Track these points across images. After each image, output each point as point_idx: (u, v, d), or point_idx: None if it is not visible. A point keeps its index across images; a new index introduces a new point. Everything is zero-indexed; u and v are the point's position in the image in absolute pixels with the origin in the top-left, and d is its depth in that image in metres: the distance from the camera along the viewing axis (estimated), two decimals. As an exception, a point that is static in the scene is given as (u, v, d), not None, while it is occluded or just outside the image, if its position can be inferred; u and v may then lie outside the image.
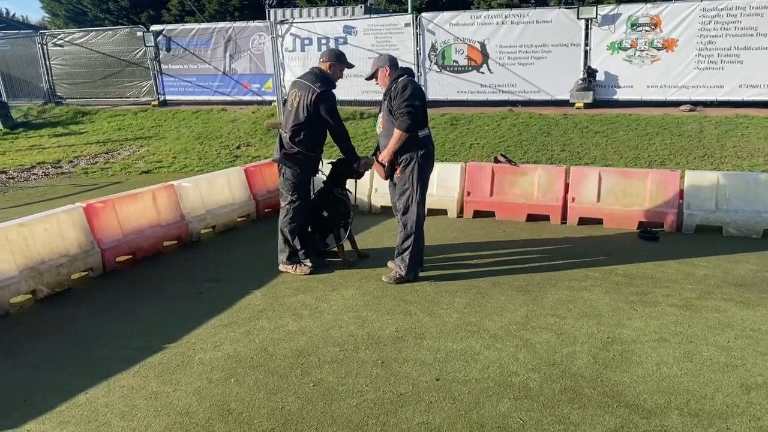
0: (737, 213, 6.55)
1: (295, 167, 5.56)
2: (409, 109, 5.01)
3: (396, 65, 5.34)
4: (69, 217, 5.68)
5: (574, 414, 3.39)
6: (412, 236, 5.33)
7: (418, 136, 5.16)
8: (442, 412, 3.45)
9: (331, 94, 5.52)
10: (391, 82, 5.23)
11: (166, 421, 3.44)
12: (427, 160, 5.28)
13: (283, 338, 4.43)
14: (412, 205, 5.28)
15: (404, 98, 5.03)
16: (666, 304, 4.83)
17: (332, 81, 5.62)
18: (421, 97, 5.17)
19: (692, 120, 11.61)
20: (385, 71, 5.30)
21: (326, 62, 5.59)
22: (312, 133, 5.55)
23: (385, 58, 5.40)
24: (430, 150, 5.31)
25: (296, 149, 5.52)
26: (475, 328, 4.51)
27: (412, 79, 5.25)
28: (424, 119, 5.25)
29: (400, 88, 5.09)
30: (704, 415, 3.34)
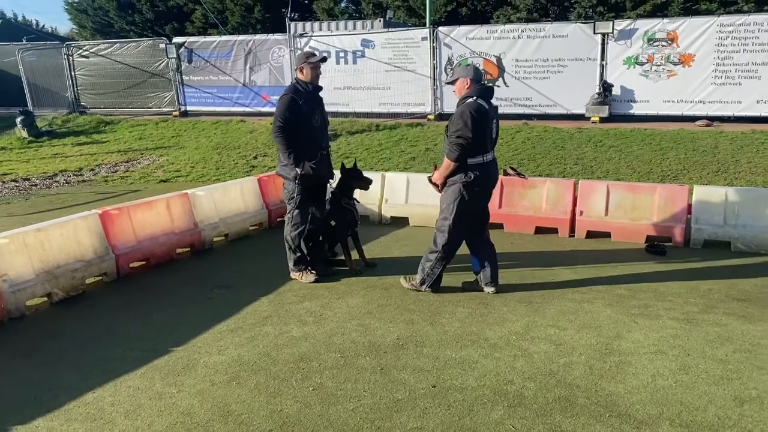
0: (746, 228, 6.54)
1: (287, 179, 5.69)
2: (460, 140, 4.93)
3: (478, 80, 5.18)
4: (85, 223, 5.86)
5: (566, 422, 3.44)
6: (437, 254, 5.32)
7: (467, 163, 5.05)
8: (435, 418, 3.52)
9: (282, 98, 5.62)
10: (460, 99, 5.13)
11: (168, 420, 3.56)
12: (471, 187, 5.13)
13: (286, 344, 4.53)
14: (445, 228, 5.26)
15: (458, 127, 4.95)
16: (667, 317, 4.86)
17: (303, 85, 5.68)
18: (481, 123, 4.95)
19: (707, 135, 11.57)
20: (465, 83, 5.14)
21: (297, 68, 5.72)
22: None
23: (470, 69, 5.25)
24: (479, 178, 5.11)
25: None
26: (475, 338, 4.58)
27: (481, 103, 5.01)
28: (481, 147, 5.06)
29: (458, 114, 5.00)
30: (695, 426, 3.38)
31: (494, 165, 5.32)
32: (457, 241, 5.37)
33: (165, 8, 30.52)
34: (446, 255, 5.35)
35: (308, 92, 5.69)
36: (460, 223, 5.25)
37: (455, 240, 5.34)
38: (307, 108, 5.61)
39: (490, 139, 5.16)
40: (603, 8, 24.76)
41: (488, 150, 5.17)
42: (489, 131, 5.11)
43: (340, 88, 16.05)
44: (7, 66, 18.81)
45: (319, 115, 5.76)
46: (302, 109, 5.57)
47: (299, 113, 5.55)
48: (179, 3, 29.98)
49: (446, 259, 5.38)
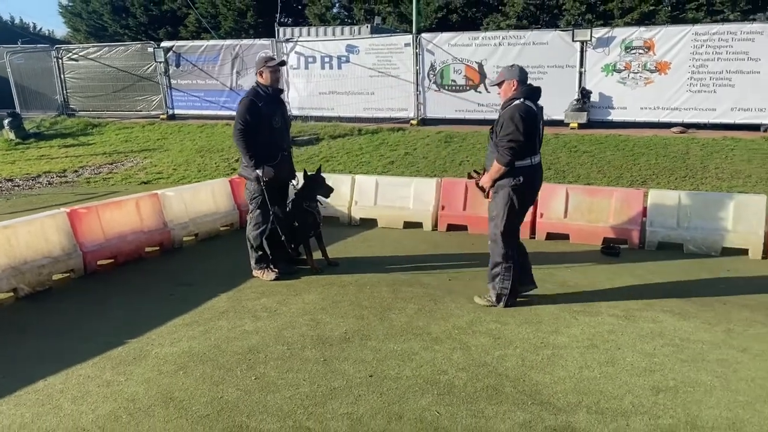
0: (697, 231, 6.75)
1: (249, 179, 5.89)
2: (511, 144, 4.86)
3: (524, 81, 5.10)
4: (53, 221, 6.04)
5: (489, 409, 3.63)
6: (500, 266, 5.20)
7: (515, 166, 4.98)
8: (367, 405, 3.71)
9: (242, 101, 5.82)
10: (507, 101, 5.06)
11: (112, 405, 3.74)
12: (522, 189, 5.07)
13: (237, 337, 4.72)
14: (498, 237, 5.18)
15: (509, 131, 4.87)
16: (607, 314, 5.06)
17: (264, 88, 5.86)
18: (530, 125, 4.91)
19: (679, 141, 11.80)
20: (511, 85, 5.07)
21: (257, 72, 5.92)
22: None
23: (516, 71, 5.13)
24: (527, 181, 5.06)
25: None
26: (420, 332, 4.77)
27: (529, 105, 4.97)
28: (530, 149, 5.00)
29: (508, 117, 4.92)
30: (609, 413, 3.57)
31: (540, 167, 5.26)
32: (513, 245, 5.25)
33: (159, 12, 30.76)
34: (511, 263, 5.19)
35: (268, 95, 5.88)
36: (511, 229, 5.18)
37: (511, 244, 5.23)
38: (267, 110, 5.80)
39: (539, 140, 5.16)
40: (591, 16, 25.05)
41: (537, 152, 5.15)
42: (538, 132, 5.10)
43: (326, 92, 16.28)
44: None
45: (279, 116, 5.94)
46: (262, 111, 5.75)
47: (259, 115, 5.73)
48: (173, 7, 30.23)
49: (512, 267, 5.19)
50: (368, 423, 3.52)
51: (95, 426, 3.53)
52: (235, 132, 5.78)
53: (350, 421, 3.54)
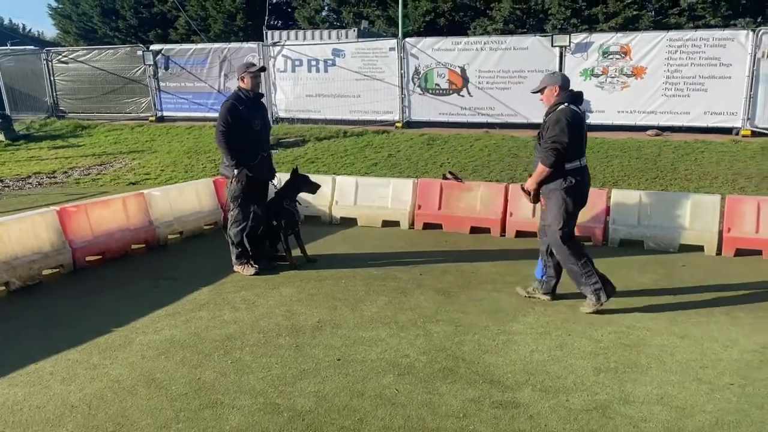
0: (656, 228, 7.13)
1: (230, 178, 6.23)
2: (556, 146, 4.92)
3: (566, 86, 5.17)
4: (43, 219, 6.35)
5: (443, 387, 3.98)
6: (577, 268, 5.15)
7: (565, 168, 5.03)
8: (332, 384, 4.05)
9: (224, 104, 6.16)
10: (551, 106, 5.13)
11: (98, 385, 4.06)
12: (573, 192, 5.09)
13: (217, 326, 5.05)
14: (559, 243, 5.16)
15: (553, 134, 4.94)
16: (563, 304, 5.42)
17: (245, 92, 6.20)
18: (576, 130, 4.98)
19: (653, 144, 12.22)
20: (553, 91, 5.15)
21: (239, 77, 6.27)
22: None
23: (558, 77, 5.24)
24: (579, 182, 5.10)
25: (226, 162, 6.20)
26: (388, 321, 5.11)
27: (574, 109, 5.04)
28: (577, 151, 5.06)
29: (553, 121, 5.00)
30: (552, 390, 3.93)
31: (587, 170, 5.29)
32: (576, 243, 5.26)
33: (149, 15, 30.95)
34: (584, 260, 5.17)
35: (249, 99, 6.22)
36: (569, 229, 5.19)
37: (574, 244, 5.23)
38: (247, 113, 6.13)
39: (585, 143, 5.22)
40: (577, 20, 25.45)
41: (584, 154, 5.18)
42: (584, 135, 5.17)
43: (312, 95, 16.60)
44: (-17, 70, 19.24)
45: (259, 119, 6.28)
46: (243, 114, 6.09)
47: (240, 118, 6.07)
48: (163, 10, 30.44)
49: (587, 263, 5.16)
50: (332, 399, 3.86)
51: (82, 403, 3.85)
52: (217, 133, 6.11)
53: (316, 398, 3.88)
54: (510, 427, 3.53)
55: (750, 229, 6.79)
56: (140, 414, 3.71)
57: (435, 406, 3.76)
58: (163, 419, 3.65)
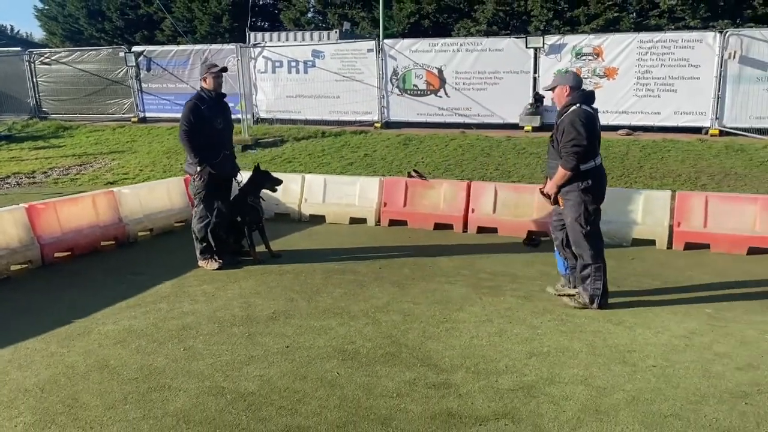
0: (611, 224, 7.35)
1: (193, 176, 6.42)
2: (576, 149, 4.95)
3: (578, 86, 5.19)
4: (11, 215, 6.53)
5: (383, 370, 4.20)
6: (590, 267, 5.22)
7: (581, 169, 5.07)
8: (278, 368, 4.26)
9: (186, 104, 6.35)
10: (563, 107, 5.15)
11: (53, 371, 4.25)
12: (590, 191, 5.13)
13: (174, 317, 5.24)
14: (581, 239, 5.20)
15: (571, 137, 4.95)
16: (510, 295, 5.65)
17: (207, 92, 6.41)
18: (591, 130, 5.01)
19: (621, 143, 12.49)
20: (564, 90, 5.18)
21: (201, 78, 6.48)
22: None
23: (570, 77, 5.30)
24: (595, 182, 5.14)
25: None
26: (340, 311, 5.32)
27: (587, 109, 5.06)
28: (593, 151, 5.11)
29: (568, 123, 5.00)
30: (484, 372, 4.15)
31: (603, 168, 5.35)
32: (599, 245, 5.27)
33: (135, 16, 31.04)
34: (600, 264, 5.24)
35: (211, 99, 6.42)
36: (592, 227, 5.21)
37: (597, 245, 5.26)
38: (209, 113, 6.33)
39: (599, 142, 5.24)
40: (559, 22, 25.73)
41: (598, 153, 5.22)
42: (598, 134, 5.17)
43: (293, 96, 16.79)
44: (-33, 72, 19.32)
45: (221, 119, 6.48)
46: (205, 113, 6.29)
47: (202, 118, 6.27)
48: (149, 11, 30.53)
49: (602, 268, 5.24)
50: (276, 382, 4.06)
51: (36, 388, 4.03)
52: (180, 132, 6.31)
53: (260, 381, 4.08)
54: (439, 405, 3.75)
55: (698, 224, 7.05)
56: (90, 397, 3.90)
57: (371, 388, 3.97)
58: (112, 401, 3.85)
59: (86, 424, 3.59)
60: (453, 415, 3.63)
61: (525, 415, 3.62)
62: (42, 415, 3.69)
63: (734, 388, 3.91)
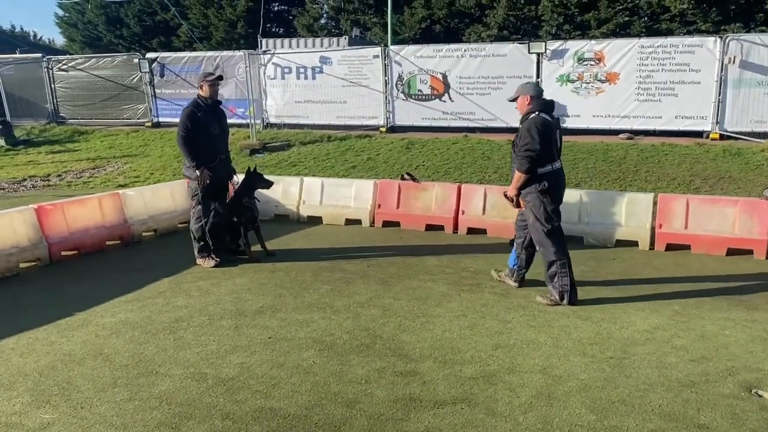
0: (595, 225, 7.60)
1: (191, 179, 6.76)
2: (528, 153, 5.28)
3: (539, 95, 5.52)
4: (21, 215, 6.92)
5: (356, 359, 4.49)
6: (555, 264, 5.49)
7: (539, 173, 5.40)
8: (258, 357, 4.56)
9: (183, 110, 6.69)
10: (524, 115, 5.50)
11: (52, 358, 4.60)
12: (548, 192, 5.44)
13: (168, 310, 5.57)
14: (543, 238, 5.50)
15: (525, 142, 5.30)
16: (488, 292, 5.91)
17: (203, 99, 6.73)
18: (547, 135, 5.32)
19: (620, 147, 12.67)
20: (525, 100, 5.51)
21: (198, 85, 6.83)
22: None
23: (530, 87, 5.67)
24: (552, 184, 5.45)
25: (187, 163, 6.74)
26: (324, 306, 5.62)
27: (545, 117, 5.39)
28: (548, 156, 5.40)
29: (525, 130, 5.35)
30: (450, 362, 4.42)
31: (562, 172, 5.67)
32: (560, 241, 5.54)
33: (152, 23, 31.65)
34: (564, 260, 5.51)
35: (208, 106, 6.77)
36: (551, 225, 5.49)
37: (558, 241, 5.53)
38: (205, 119, 6.68)
39: (556, 148, 5.55)
40: (569, 26, 25.86)
41: (555, 159, 5.52)
42: (555, 141, 5.49)
43: (301, 101, 17.15)
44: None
45: (217, 125, 6.82)
46: (201, 120, 6.63)
47: (198, 123, 6.61)
48: (166, 18, 31.15)
49: (566, 264, 5.51)
50: (254, 369, 4.37)
51: (35, 372, 4.38)
52: (178, 138, 6.66)
53: (241, 368, 4.39)
54: (402, 391, 4.03)
55: (680, 225, 7.25)
56: (83, 381, 4.24)
57: (342, 375, 4.26)
58: (102, 384, 4.18)
59: (77, 405, 3.92)
60: (414, 399, 3.91)
61: (481, 400, 3.89)
62: (38, 396, 4.03)
63: (684, 378, 4.14)
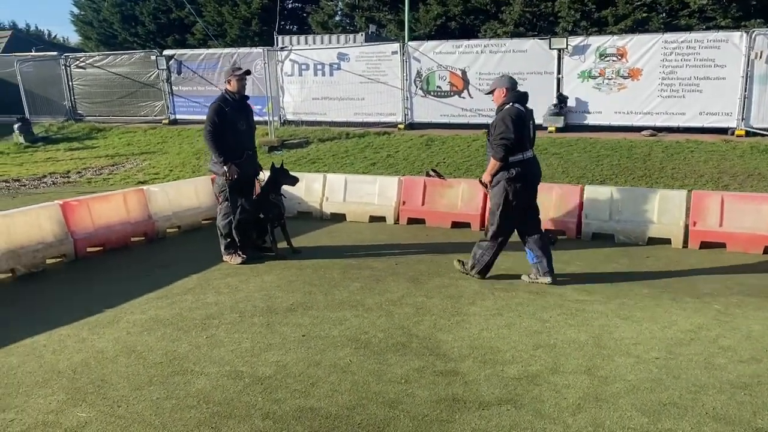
0: (627, 223, 7.45)
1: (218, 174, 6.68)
2: (503, 141, 5.59)
3: (513, 88, 5.80)
4: (47, 212, 6.88)
5: (393, 358, 4.39)
6: (487, 243, 5.97)
7: (509, 161, 5.69)
8: (294, 355, 4.48)
9: (211, 106, 6.63)
10: (499, 106, 5.80)
11: (84, 355, 4.53)
12: (516, 181, 5.74)
13: (199, 307, 5.50)
14: (495, 219, 5.89)
15: (501, 131, 5.61)
16: (523, 291, 5.79)
17: (231, 94, 6.64)
18: (519, 125, 5.61)
19: (644, 144, 12.48)
20: (501, 92, 5.80)
21: (226, 80, 6.74)
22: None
23: (505, 80, 5.89)
24: (522, 172, 5.75)
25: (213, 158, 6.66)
26: (356, 304, 5.53)
27: (519, 108, 5.69)
28: (520, 146, 5.69)
29: (500, 119, 5.66)
30: (491, 362, 4.31)
31: (535, 161, 5.99)
32: (506, 232, 5.94)
33: (167, 20, 31.72)
34: (497, 245, 5.95)
35: (235, 101, 6.68)
36: (506, 216, 5.82)
37: (505, 231, 5.92)
38: (233, 114, 6.60)
39: (528, 138, 5.82)
40: (586, 23, 25.59)
41: (527, 148, 5.81)
42: (527, 131, 5.78)
43: (318, 98, 17.06)
44: (7, 76, 19.96)
45: (244, 120, 6.74)
46: (228, 115, 6.55)
47: (225, 118, 6.53)
48: (180, 15, 31.19)
49: (496, 248, 5.96)
50: (291, 368, 4.28)
51: (69, 369, 4.32)
52: (205, 133, 6.59)
53: (277, 367, 4.31)
54: (445, 391, 3.92)
55: (714, 223, 7.09)
56: (118, 378, 4.17)
57: (381, 374, 4.17)
58: (138, 383, 4.10)
59: (114, 403, 3.85)
60: (458, 400, 3.80)
61: (527, 401, 3.78)
62: (74, 394, 3.96)
63: (735, 379, 4.01)
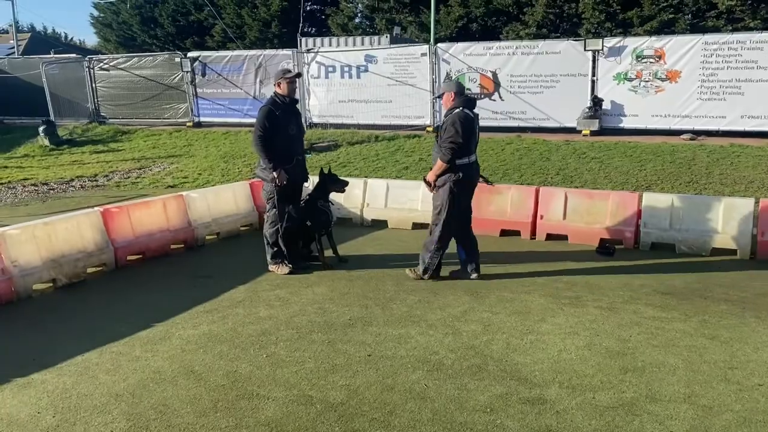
0: (688, 232, 7.11)
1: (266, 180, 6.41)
2: (451, 145, 5.77)
3: (461, 92, 6.05)
4: (87, 219, 6.64)
5: (472, 383, 4.08)
6: (435, 245, 6.14)
7: (456, 164, 5.87)
8: (363, 378, 4.18)
9: (261, 109, 6.40)
10: (448, 110, 5.99)
11: (141, 376, 4.26)
12: (461, 185, 5.97)
13: (252, 322, 5.22)
14: (440, 222, 6.09)
15: (450, 134, 5.80)
16: (592, 306, 5.47)
17: (281, 98, 6.40)
18: (468, 129, 5.84)
19: (687, 148, 12.10)
20: (450, 96, 6.00)
21: (275, 83, 6.48)
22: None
23: (453, 84, 6.25)
24: (466, 176, 5.96)
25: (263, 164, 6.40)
26: (417, 319, 5.23)
27: (467, 112, 5.89)
28: (467, 150, 5.91)
29: (449, 123, 5.85)
30: (579, 388, 3.99)
31: (476, 165, 6.18)
32: (451, 233, 6.17)
33: (186, 23, 31.66)
34: (443, 245, 6.17)
35: (285, 104, 6.41)
36: (452, 217, 6.03)
37: (450, 232, 6.15)
38: (283, 118, 6.33)
39: (474, 143, 6.03)
40: (611, 24, 25.19)
41: (472, 152, 6.03)
42: (474, 136, 5.99)
43: (345, 101, 16.80)
44: (31, 78, 19.85)
45: (294, 124, 6.47)
46: (279, 119, 6.28)
47: (276, 123, 6.26)
48: (199, 18, 31.09)
49: (443, 249, 6.17)
50: (363, 393, 3.99)
51: (126, 392, 4.05)
52: (255, 137, 6.32)
53: (348, 391, 4.01)
54: (536, 422, 3.61)
55: (785, 233, 6.73)
56: (180, 403, 3.89)
57: (463, 401, 3.86)
58: (202, 408, 3.83)
59: (180, 431, 3.57)
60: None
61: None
62: (136, 421, 3.70)
63: None
